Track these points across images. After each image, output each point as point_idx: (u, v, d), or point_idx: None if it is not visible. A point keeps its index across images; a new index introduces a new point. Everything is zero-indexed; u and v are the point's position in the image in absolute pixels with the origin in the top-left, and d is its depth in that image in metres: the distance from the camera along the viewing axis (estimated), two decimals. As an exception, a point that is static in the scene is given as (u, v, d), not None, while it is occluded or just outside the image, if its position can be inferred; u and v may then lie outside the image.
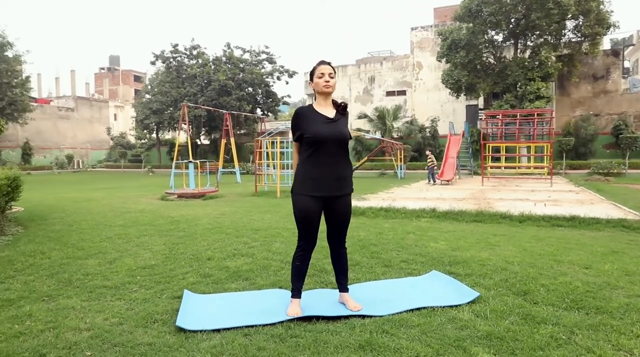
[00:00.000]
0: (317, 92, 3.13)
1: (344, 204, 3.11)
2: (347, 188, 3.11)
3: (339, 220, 3.13)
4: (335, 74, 3.16)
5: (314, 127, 3.00)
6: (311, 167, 3.01)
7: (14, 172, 6.82)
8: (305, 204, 3.02)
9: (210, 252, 4.91)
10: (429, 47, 33.67)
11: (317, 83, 3.09)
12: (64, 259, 4.66)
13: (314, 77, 3.12)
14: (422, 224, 6.61)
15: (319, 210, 3.06)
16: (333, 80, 3.10)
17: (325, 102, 3.13)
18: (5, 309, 3.19)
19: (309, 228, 3.07)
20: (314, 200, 3.01)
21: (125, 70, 65.98)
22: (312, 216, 3.03)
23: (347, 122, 3.19)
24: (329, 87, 3.08)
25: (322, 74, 3.08)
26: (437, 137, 29.58)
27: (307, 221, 3.05)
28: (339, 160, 3.04)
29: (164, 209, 9.16)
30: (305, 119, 3.06)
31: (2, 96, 30.39)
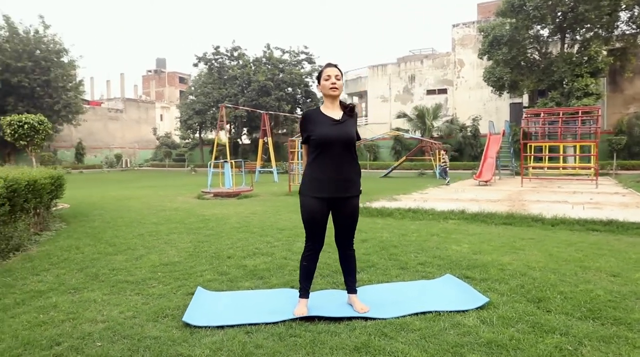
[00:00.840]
0: (324, 95, 3.17)
1: (350, 206, 3.12)
2: (354, 190, 3.12)
3: (345, 221, 3.15)
4: (342, 77, 3.18)
5: (320, 129, 3.03)
6: (317, 169, 3.04)
7: (58, 172, 7.26)
8: (311, 205, 3.06)
9: (232, 250, 5.04)
10: (470, 44, 32.83)
11: (323, 85, 3.13)
12: (95, 254, 4.93)
13: (321, 80, 3.16)
14: (449, 226, 6.48)
15: (325, 211, 3.09)
16: (339, 82, 3.13)
17: (332, 104, 3.15)
18: (35, 299, 3.42)
19: (315, 229, 3.10)
20: (319, 201, 3.04)
21: (170, 72, 68.32)
22: (318, 217, 3.07)
23: (355, 123, 3.20)
24: (336, 90, 3.10)
25: (329, 76, 3.11)
26: (478, 136, 28.81)
27: (313, 222, 3.09)
28: (345, 162, 3.06)
29: (198, 208, 9.45)
30: (312, 121, 3.10)
31: (58, 99, 32.24)
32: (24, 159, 34.00)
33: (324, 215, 3.09)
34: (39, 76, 31.05)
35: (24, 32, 31.81)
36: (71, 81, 33.74)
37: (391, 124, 35.27)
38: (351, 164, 3.10)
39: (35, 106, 31.65)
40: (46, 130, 8.94)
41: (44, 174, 6.46)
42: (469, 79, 33.14)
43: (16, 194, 5.47)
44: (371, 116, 38.24)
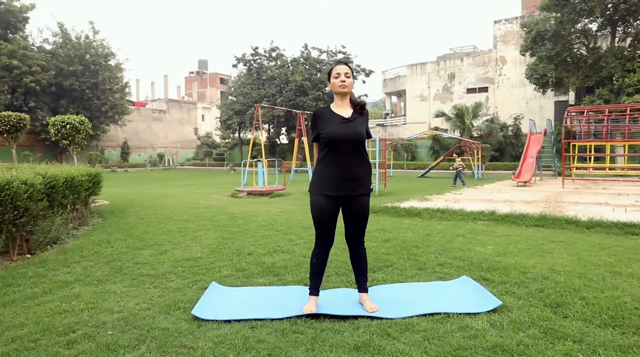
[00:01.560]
0: (334, 93, 3.17)
1: (360, 205, 3.10)
2: (363, 188, 3.09)
3: (355, 220, 3.13)
4: (351, 74, 3.18)
5: (329, 127, 3.03)
6: (326, 167, 3.05)
7: (96, 170, 7.61)
8: (320, 203, 3.07)
9: (254, 247, 5.12)
10: (513, 40, 31.75)
11: (333, 83, 3.14)
12: (124, 248, 5.13)
13: (330, 78, 3.16)
14: (477, 227, 6.30)
15: (334, 209, 3.08)
16: (349, 80, 3.12)
17: (342, 102, 3.15)
18: (62, 289, 3.60)
19: (324, 227, 3.10)
20: (328, 199, 3.05)
21: (212, 73, 70.03)
22: (327, 214, 3.07)
23: (366, 121, 3.18)
24: (345, 87, 3.10)
25: (338, 74, 3.12)
26: (519, 135, 27.83)
27: (322, 220, 3.09)
28: (354, 160, 3.04)
29: (229, 206, 9.65)
30: (322, 119, 3.11)
31: (105, 101, 33.80)
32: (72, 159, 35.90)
33: (333, 213, 3.09)
34: (88, 79, 32.66)
35: (76, 38, 33.55)
36: (117, 83, 35.27)
37: (430, 124, 34.66)
38: (360, 162, 3.07)
39: (85, 108, 33.34)
40: (86, 130, 9.42)
41: (82, 171, 6.79)
42: (511, 77, 32.06)
43: (54, 190, 5.78)
44: (409, 115, 37.74)
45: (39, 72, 30.16)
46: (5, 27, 31.22)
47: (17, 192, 4.56)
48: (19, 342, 2.56)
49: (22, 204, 4.70)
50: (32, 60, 30.13)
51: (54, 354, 2.42)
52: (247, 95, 37.42)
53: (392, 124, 40.58)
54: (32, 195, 4.91)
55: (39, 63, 30.34)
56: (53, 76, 31.45)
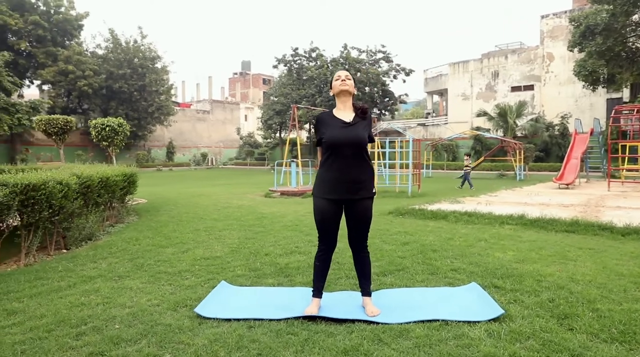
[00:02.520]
0: (336, 96, 3.22)
1: (362, 208, 3.12)
2: (365, 192, 3.10)
3: (357, 224, 3.15)
4: (353, 80, 3.24)
5: (330, 132, 3.08)
6: (327, 170, 3.09)
7: (131, 170, 7.99)
8: (322, 206, 3.11)
9: (272, 248, 5.22)
10: (562, 35, 30.34)
11: (334, 86, 3.21)
12: (150, 246, 5.37)
13: (332, 84, 3.22)
14: (503, 231, 6.11)
15: (336, 212, 3.12)
16: (350, 81, 3.18)
17: (343, 106, 3.19)
18: (84, 283, 3.84)
19: (326, 230, 3.15)
20: (329, 202, 3.09)
21: (255, 74, 71.34)
22: (328, 218, 3.11)
23: (368, 125, 3.19)
24: (345, 85, 3.14)
25: (339, 76, 3.20)
26: (566, 135, 26.56)
27: (323, 223, 3.13)
28: (355, 164, 3.06)
29: (260, 206, 9.83)
30: (323, 124, 3.16)
31: (152, 102, 35.20)
32: (121, 158, 37.61)
33: (335, 216, 3.12)
34: (136, 82, 34.15)
35: (125, 43, 35.15)
36: (163, 85, 36.63)
37: (472, 123, 33.74)
38: (362, 166, 3.09)
39: (133, 109, 34.88)
40: (124, 132, 9.91)
41: (116, 171, 7.15)
42: (559, 74, 30.66)
43: (89, 190, 6.14)
44: (451, 115, 36.93)
45: (91, 76, 31.84)
46: (63, 34, 33.18)
47: (52, 192, 4.89)
48: (35, 332, 2.77)
49: (58, 203, 5.03)
50: (86, 65, 31.84)
51: (63, 344, 2.60)
52: (287, 96, 37.87)
53: (433, 123, 39.82)
54: (67, 194, 5.23)
55: (91, 67, 32.03)
56: (104, 79, 33.10)
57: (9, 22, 29.21)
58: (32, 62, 32.48)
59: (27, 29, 30.42)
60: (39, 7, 31.80)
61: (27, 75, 33.14)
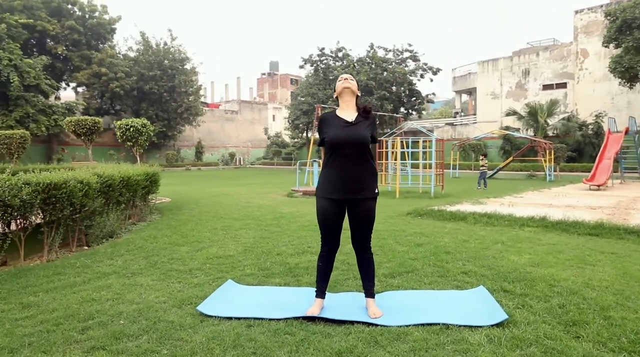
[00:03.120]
0: (339, 96, 3.23)
1: (364, 209, 3.10)
2: (367, 192, 3.08)
3: (359, 224, 3.13)
4: (356, 83, 3.24)
5: (332, 131, 3.08)
6: (330, 170, 3.09)
7: (153, 169, 8.19)
8: (324, 206, 3.11)
9: (285, 247, 5.25)
10: (597, 31, 29.24)
11: (337, 86, 3.22)
12: (166, 244, 5.49)
13: (336, 87, 3.24)
14: (523, 233, 5.94)
15: (338, 212, 3.11)
16: (353, 82, 3.19)
17: (346, 106, 3.19)
18: (98, 280, 3.96)
19: (328, 230, 3.15)
20: (331, 202, 3.08)
21: (282, 74, 71.83)
22: (330, 218, 3.11)
23: (371, 125, 3.17)
24: (348, 83, 3.18)
25: (341, 78, 3.20)
26: (601, 134, 25.57)
27: (325, 223, 3.14)
28: (358, 164, 3.05)
29: (280, 205, 9.90)
30: (326, 124, 3.17)
31: (181, 103, 35.96)
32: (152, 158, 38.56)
33: (337, 216, 3.11)
34: (165, 83, 34.96)
35: (156, 45, 36.04)
36: (192, 86, 37.35)
37: (501, 123, 32.97)
38: (364, 165, 3.07)
39: (162, 110, 35.73)
40: (148, 132, 10.17)
41: (138, 171, 7.33)
42: (594, 71, 29.57)
43: (111, 189, 6.32)
44: (480, 114, 36.19)
45: (123, 78, 32.80)
46: (97, 38, 34.33)
47: (73, 191, 5.06)
48: (45, 325, 2.88)
49: (79, 201, 5.21)
50: (118, 67, 32.84)
51: (68, 337, 2.69)
52: (314, 96, 37.96)
53: (461, 123, 39.13)
54: (88, 193, 5.41)
55: (123, 69, 33.00)
56: (135, 81, 34.02)
57: (47, 27, 30.43)
58: (68, 66, 33.73)
59: (64, 33, 31.62)
60: (74, 12, 33.01)
61: (63, 78, 34.45)
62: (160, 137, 36.21)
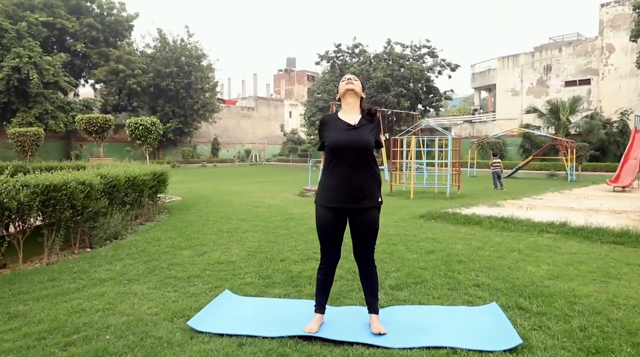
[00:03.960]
0: (342, 98, 3.04)
1: (367, 219, 2.87)
2: (370, 200, 2.86)
3: (361, 235, 2.91)
4: (358, 81, 3.02)
5: (332, 135, 2.87)
6: (330, 177, 2.89)
7: (161, 168, 8.08)
8: (322, 215, 2.91)
9: (290, 253, 5.05)
10: (624, 25, 28.25)
11: (340, 88, 3.04)
12: (168, 247, 5.35)
13: (339, 88, 3.04)
14: (541, 240, 5.62)
15: (337, 222, 2.90)
16: (356, 82, 3.00)
17: (349, 108, 2.98)
18: (93, 287, 3.82)
19: (327, 241, 2.95)
20: (330, 211, 2.88)
21: (299, 71, 71.62)
22: (330, 228, 2.90)
23: (376, 128, 2.94)
24: (351, 84, 2.97)
25: (345, 78, 3.00)
26: (626, 133, 24.71)
27: (324, 233, 2.94)
28: (360, 170, 2.83)
29: (291, 206, 9.71)
30: (327, 126, 2.96)
31: (197, 100, 36.07)
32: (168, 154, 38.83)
33: (336, 226, 2.90)
34: (182, 80, 35.10)
35: (172, 42, 36.20)
36: (208, 83, 37.43)
37: (521, 120, 32.21)
38: (367, 172, 2.85)
39: (179, 106, 35.90)
40: (157, 130, 10.09)
41: (145, 170, 7.22)
42: (620, 67, 28.58)
43: (115, 189, 6.22)
44: (499, 111, 35.43)
45: (140, 75, 33.04)
46: (115, 35, 34.65)
47: (73, 192, 4.95)
48: (27, 340, 2.74)
49: (80, 203, 5.10)
50: (135, 64, 33.08)
51: (48, 354, 2.54)
52: (330, 92, 37.69)
53: (480, 120, 38.41)
54: (90, 194, 5.30)
55: (140, 66, 33.23)
56: (152, 78, 34.25)
57: (66, 25, 30.81)
58: (86, 63, 34.13)
59: (82, 31, 31.97)
60: (93, 9, 33.36)
61: (82, 75, 34.90)
62: (177, 133, 36.42)
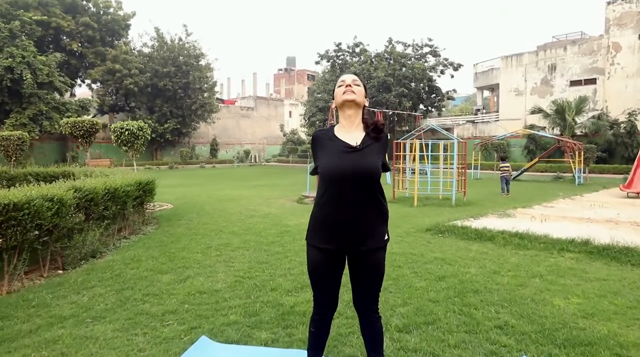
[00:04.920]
0: (339, 108, 2.41)
1: (371, 261, 2.31)
2: (375, 241, 2.29)
3: (363, 282, 2.35)
4: (363, 87, 2.40)
5: (328, 159, 2.27)
6: (323, 211, 2.30)
7: (147, 177, 7.51)
8: (315, 258, 2.35)
9: (282, 279, 4.49)
10: (631, 23, 27.64)
11: (337, 94, 2.40)
12: (147, 271, 4.78)
13: (334, 91, 2.41)
14: (562, 262, 5.05)
15: (334, 266, 2.33)
16: (359, 88, 2.35)
17: (348, 122, 2.36)
18: (48, 329, 3.26)
19: (320, 287, 2.39)
20: (324, 254, 2.31)
21: (299, 70, 71.03)
22: (323, 272, 2.34)
23: (383, 149, 2.35)
24: (351, 94, 2.31)
25: (343, 81, 2.39)
26: (634, 134, 24.15)
27: (317, 279, 2.38)
28: (363, 204, 2.24)
29: (288, 215, 9.14)
30: (321, 146, 2.35)
31: (195, 100, 35.50)
32: (166, 155, 38.26)
33: (332, 270, 2.34)
34: (180, 79, 34.53)
35: (170, 41, 35.61)
36: (207, 82, 36.84)
37: (525, 120, 31.62)
38: (372, 206, 2.27)
39: (177, 106, 35.34)
40: (145, 136, 9.50)
41: (128, 181, 6.66)
42: (627, 66, 27.95)
43: (93, 203, 5.66)
44: (503, 111, 34.83)
45: (137, 75, 32.48)
46: (111, 34, 34.12)
47: (39, 210, 4.39)
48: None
49: (48, 221, 4.54)
50: (132, 63, 32.52)
51: None
52: (330, 92, 37.11)
53: (482, 120, 37.81)
54: (60, 211, 4.74)
55: (137, 66, 32.68)
56: (149, 78, 33.68)
57: (62, 24, 30.26)
58: (83, 63, 33.60)
59: (78, 30, 31.42)
60: (89, 8, 32.79)
61: (78, 75, 34.35)
62: (175, 134, 35.87)
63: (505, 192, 13.48)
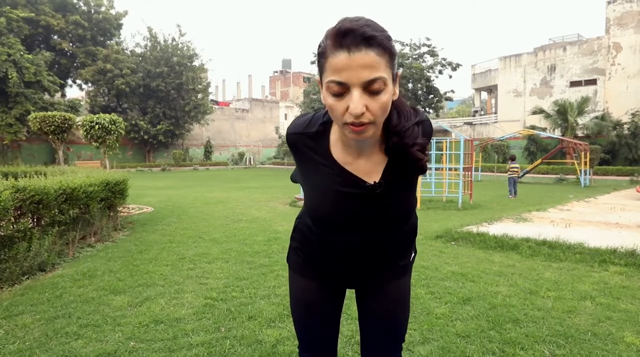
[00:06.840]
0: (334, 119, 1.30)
1: (392, 293, 1.42)
2: (395, 271, 1.39)
3: (380, 323, 1.44)
4: (391, 70, 1.14)
5: (320, 198, 1.29)
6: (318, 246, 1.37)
7: (118, 176, 6.58)
8: (303, 291, 1.46)
9: (264, 302, 3.56)
10: (632, 22, 27.00)
11: (324, 96, 1.19)
12: (97, 290, 3.84)
13: (322, 79, 1.15)
14: (611, 278, 4.16)
15: (331, 302, 1.45)
16: (387, 88, 1.10)
17: (357, 141, 1.19)
18: None
19: (310, 334, 1.48)
20: (318, 286, 1.41)
21: (295, 72, 70.14)
22: (315, 312, 1.45)
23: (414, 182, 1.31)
24: (363, 131, 1.08)
25: (344, 83, 1.06)
26: (638, 135, 23.42)
27: (304, 321, 1.48)
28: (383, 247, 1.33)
29: (278, 219, 8.22)
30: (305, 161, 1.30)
31: (189, 101, 34.52)
32: (160, 157, 37.26)
33: (328, 308, 1.46)
34: (173, 80, 33.58)
35: (163, 41, 34.66)
36: (201, 83, 35.89)
37: (525, 122, 30.91)
38: (397, 243, 1.37)
39: (170, 108, 34.38)
40: (118, 131, 8.52)
41: (93, 179, 5.72)
42: (628, 66, 27.28)
43: (43, 206, 4.72)
44: (501, 113, 34.11)
45: (128, 75, 31.51)
46: (103, 34, 33.14)
47: (-44, 216, 3.46)
48: None
49: (-29, 229, 3.61)
50: (124, 63, 31.56)
51: None
52: (327, 93, 36.19)
53: (481, 122, 37.06)
54: (-10, 217, 3.81)
55: (129, 66, 31.71)
56: (141, 78, 32.71)
57: (52, 22, 29.28)
58: (73, 62, 32.61)
59: (69, 28, 30.45)
60: (80, 7, 31.83)
61: (69, 75, 33.32)
62: (168, 135, 34.89)
63: (513, 194, 12.64)
